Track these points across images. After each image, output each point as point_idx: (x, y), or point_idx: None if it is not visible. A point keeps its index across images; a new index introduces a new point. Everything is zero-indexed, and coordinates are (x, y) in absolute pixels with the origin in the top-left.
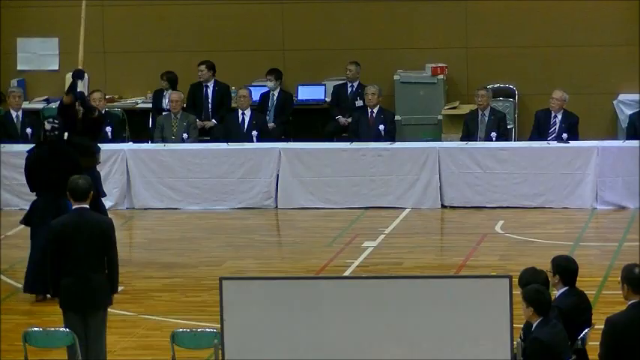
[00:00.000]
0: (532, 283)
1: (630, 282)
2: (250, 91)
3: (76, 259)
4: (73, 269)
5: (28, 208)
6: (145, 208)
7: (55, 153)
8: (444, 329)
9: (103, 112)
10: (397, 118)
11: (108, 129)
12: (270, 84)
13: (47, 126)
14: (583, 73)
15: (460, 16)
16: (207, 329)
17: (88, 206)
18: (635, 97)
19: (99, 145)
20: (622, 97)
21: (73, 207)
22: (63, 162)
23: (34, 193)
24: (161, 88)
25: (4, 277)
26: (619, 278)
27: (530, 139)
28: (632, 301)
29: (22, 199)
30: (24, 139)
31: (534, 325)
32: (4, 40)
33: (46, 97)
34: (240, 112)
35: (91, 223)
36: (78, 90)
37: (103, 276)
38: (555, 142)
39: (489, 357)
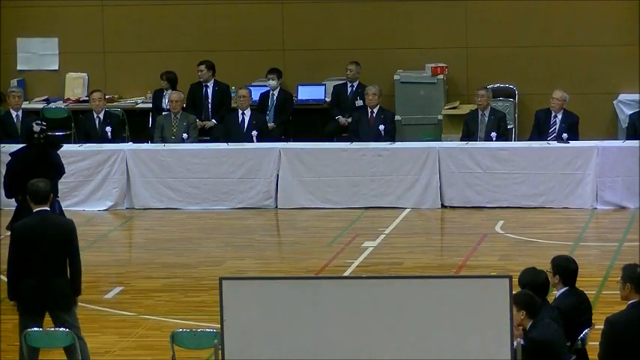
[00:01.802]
0: (532, 283)
1: (634, 281)
2: (250, 91)
3: (40, 262)
4: (35, 272)
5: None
6: (144, 208)
7: (43, 156)
8: (444, 329)
9: (103, 112)
10: (397, 118)
11: (108, 129)
12: (273, 83)
13: (36, 128)
14: (583, 73)
15: (460, 16)
16: (207, 329)
17: (49, 209)
18: (635, 97)
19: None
20: (622, 97)
21: (35, 210)
22: (50, 165)
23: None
24: (161, 88)
25: (3, 277)
26: (618, 278)
27: (530, 139)
28: (632, 301)
29: None
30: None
31: (527, 328)
32: (4, 40)
33: (45, 97)
34: (240, 112)
35: (54, 225)
36: None
37: (66, 278)
38: (555, 142)
39: (489, 357)
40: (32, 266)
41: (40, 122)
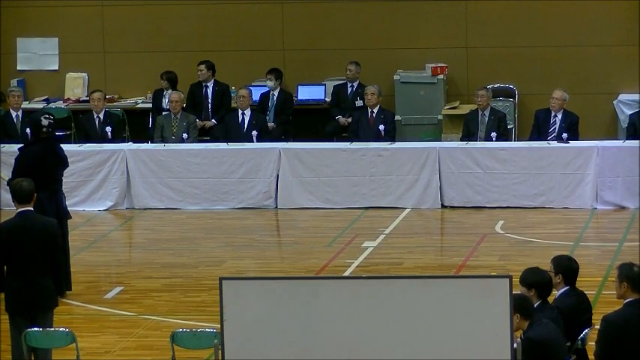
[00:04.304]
0: (538, 282)
1: (631, 280)
2: (250, 91)
3: (25, 262)
4: (21, 273)
5: None
6: (144, 208)
7: (51, 149)
8: (444, 329)
9: (103, 112)
10: (397, 118)
11: (108, 129)
12: (270, 83)
13: (45, 122)
14: (583, 73)
15: (460, 16)
16: (207, 329)
17: (32, 209)
18: (635, 97)
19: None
20: (622, 97)
21: (19, 210)
22: (58, 157)
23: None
24: (161, 88)
25: None
26: (615, 277)
27: (530, 139)
28: (628, 300)
29: None
30: (24, 139)
31: (525, 329)
32: (4, 40)
33: (45, 97)
34: (240, 112)
35: (38, 225)
36: None
37: (50, 278)
38: (555, 142)
39: (489, 357)
40: (18, 267)
41: (47, 116)
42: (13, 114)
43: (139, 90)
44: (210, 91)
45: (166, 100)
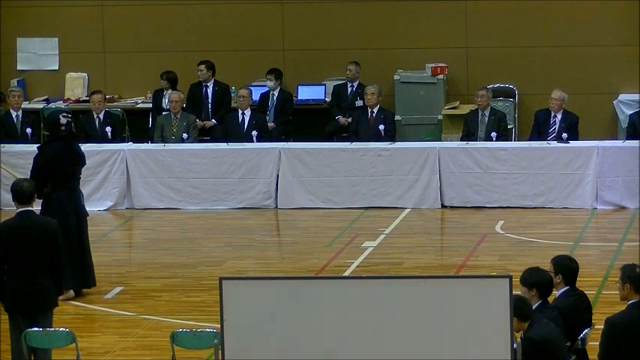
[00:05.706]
0: (540, 282)
1: (633, 281)
2: (251, 91)
3: (25, 262)
4: (20, 272)
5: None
6: (144, 208)
7: (69, 147)
8: (444, 329)
9: (103, 112)
10: (397, 118)
11: (108, 129)
12: (270, 83)
13: (63, 120)
14: (583, 73)
15: (460, 16)
16: (207, 329)
17: (32, 209)
18: (635, 97)
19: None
20: (622, 97)
21: (18, 210)
22: (76, 155)
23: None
24: (161, 88)
25: None
26: (617, 278)
27: (530, 139)
28: (632, 301)
29: None
30: (24, 139)
31: (525, 330)
32: (4, 40)
33: (46, 97)
34: (240, 112)
35: (38, 226)
36: None
37: (50, 278)
38: (555, 142)
39: (489, 357)
40: (17, 267)
41: (66, 114)
42: (13, 114)
43: (139, 90)
44: (210, 91)
45: (166, 100)
